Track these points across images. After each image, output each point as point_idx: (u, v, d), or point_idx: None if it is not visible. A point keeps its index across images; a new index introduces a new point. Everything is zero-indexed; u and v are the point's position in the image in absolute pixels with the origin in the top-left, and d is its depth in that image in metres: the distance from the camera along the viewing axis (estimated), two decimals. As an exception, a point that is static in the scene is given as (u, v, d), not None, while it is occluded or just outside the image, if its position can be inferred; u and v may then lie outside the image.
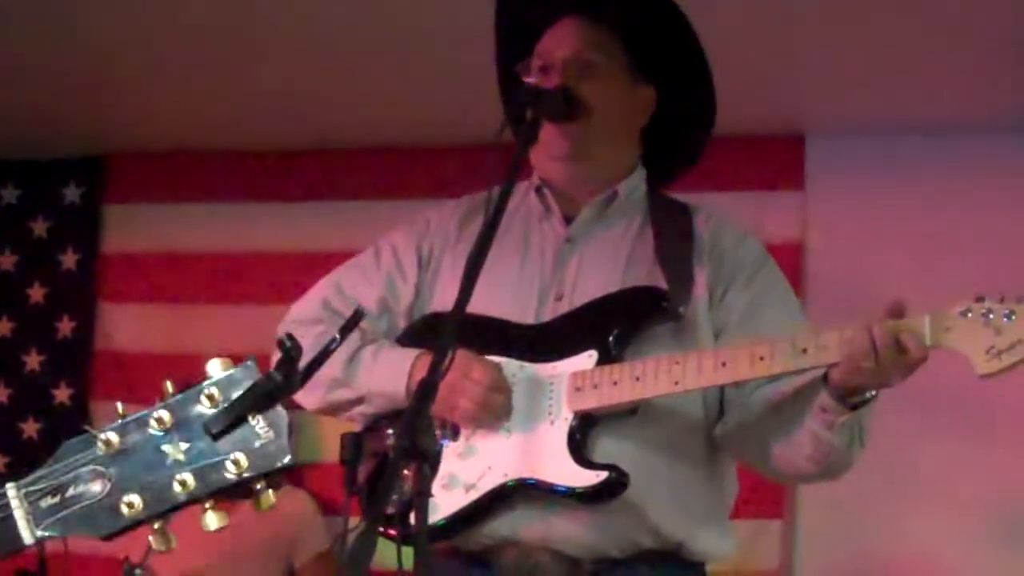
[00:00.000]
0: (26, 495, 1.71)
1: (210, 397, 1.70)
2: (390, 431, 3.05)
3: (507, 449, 3.03)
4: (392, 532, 2.60)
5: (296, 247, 6.40)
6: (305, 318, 3.31)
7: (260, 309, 6.14)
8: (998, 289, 2.80)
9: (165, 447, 1.69)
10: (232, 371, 1.73)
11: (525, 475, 3.00)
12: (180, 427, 1.69)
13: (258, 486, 1.70)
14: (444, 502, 3.01)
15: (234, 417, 1.69)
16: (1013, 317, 2.72)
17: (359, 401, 3.17)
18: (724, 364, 2.93)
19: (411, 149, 6.44)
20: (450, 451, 3.07)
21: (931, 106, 5.75)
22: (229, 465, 1.68)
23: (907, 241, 5.90)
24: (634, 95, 3.29)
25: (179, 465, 1.68)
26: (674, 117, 3.34)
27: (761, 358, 2.90)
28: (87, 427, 1.73)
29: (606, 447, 3.01)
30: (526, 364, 3.09)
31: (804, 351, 2.87)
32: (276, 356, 2.74)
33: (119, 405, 1.73)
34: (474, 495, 3.03)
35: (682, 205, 3.32)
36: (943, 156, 5.92)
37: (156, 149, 6.71)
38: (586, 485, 2.95)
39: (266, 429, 1.69)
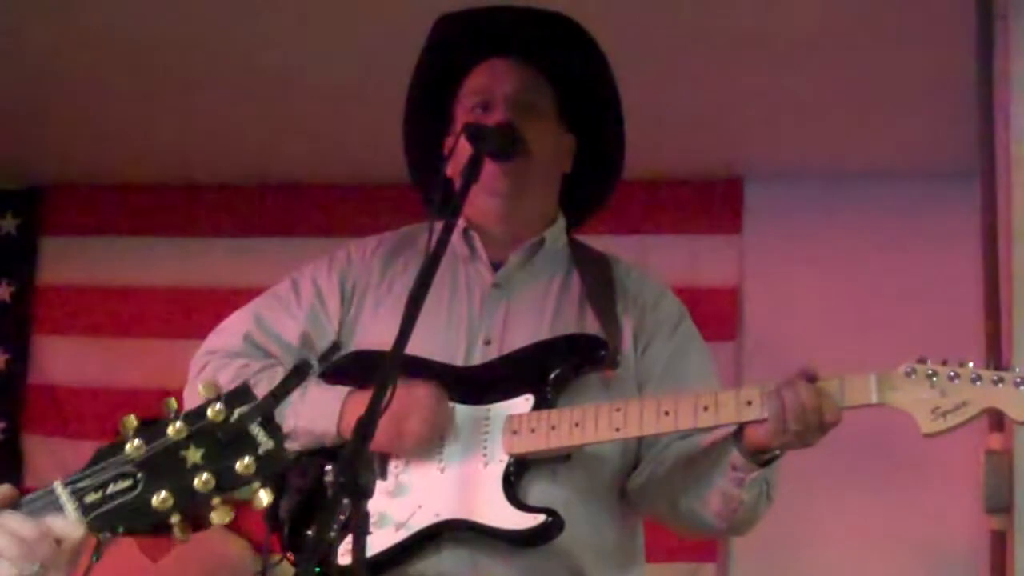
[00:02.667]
0: (72, 492, 1.94)
1: (217, 411, 1.95)
2: (328, 467, 3.04)
3: (439, 488, 3.03)
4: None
5: (233, 282, 6.35)
6: (226, 350, 3.30)
7: (196, 344, 6.09)
8: (937, 334, 2.88)
9: (183, 452, 1.94)
10: (234, 389, 1.99)
11: (459, 515, 3.00)
12: (194, 436, 1.94)
13: (255, 485, 1.94)
14: (373, 540, 2.99)
15: (242, 427, 1.95)
16: (957, 380, 2.81)
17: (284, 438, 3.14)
18: (667, 413, 2.95)
19: (350, 186, 6.44)
20: (380, 489, 3.04)
21: (871, 150, 5.80)
22: (239, 467, 1.94)
23: (845, 286, 5.93)
24: (560, 140, 3.33)
25: (198, 467, 1.93)
26: (586, 164, 3.37)
27: (705, 408, 2.93)
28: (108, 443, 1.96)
29: (538, 492, 3.02)
30: (458, 405, 3.09)
31: (749, 403, 2.90)
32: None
33: (131, 417, 1.96)
34: (404, 534, 3.01)
35: (601, 256, 3.36)
36: (882, 200, 5.97)
37: (94, 182, 6.67)
38: (522, 528, 2.95)
39: (267, 438, 1.96)
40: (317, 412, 3.10)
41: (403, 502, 3.02)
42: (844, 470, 5.47)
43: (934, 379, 2.83)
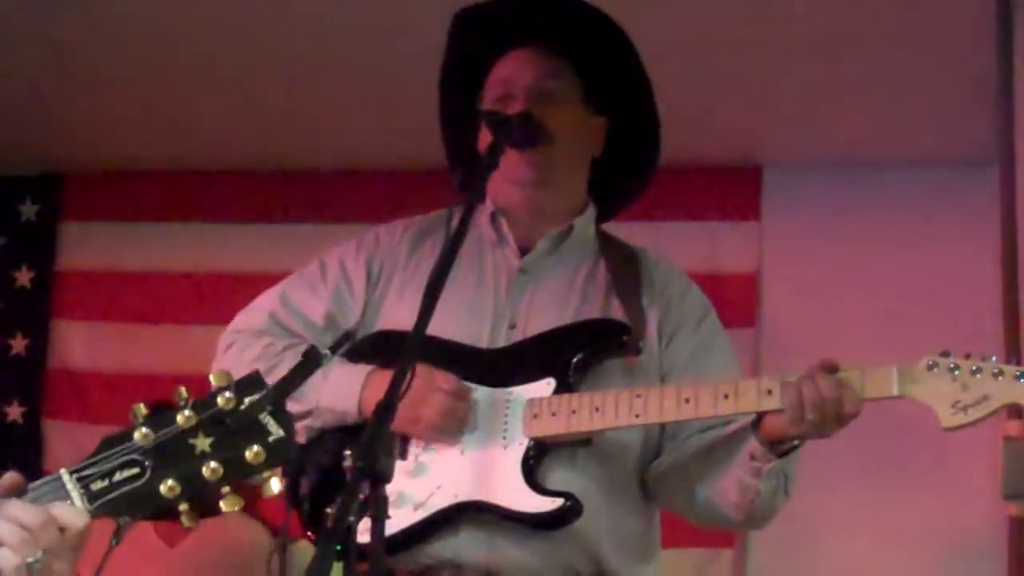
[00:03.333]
0: (78, 479, 1.96)
1: (227, 400, 1.95)
2: (348, 452, 3.05)
3: (459, 469, 3.04)
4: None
5: (253, 268, 6.36)
6: (252, 329, 3.33)
7: (215, 329, 6.09)
8: (955, 320, 2.86)
9: (192, 440, 1.95)
10: (244, 377, 2.00)
11: (477, 497, 3.01)
12: (204, 424, 1.95)
13: (265, 475, 1.96)
14: (392, 520, 2.99)
15: (252, 416, 1.96)
16: (979, 374, 2.81)
17: (306, 415, 3.16)
18: (687, 400, 2.96)
19: (374, 172, 6.44)
20: (400, 469, 3.05)
21: (889, 138, 5.78)
22: (248, 456, 1.95)
23: (862, 274, 5.93)
24: (588, 124, 3.33)
25: (206, 456, 1.94)
26: (621, 150, 3.37)
27: (726, 396, 2.94)
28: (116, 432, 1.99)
29: (557, 476, 3.03)
30: (481, 387, 3.10)
31: (769, 392, 2.91)
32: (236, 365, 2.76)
33: (141, 406, 1.97)
34: (422, 513, 3.03)
35: (629, 248, 3.36)
36: (900, 188, 5.96)
37: (114, 167, 6.68)
38: (541, 511, 2.96)
39: (277, 427, 1.96)
40: (339, 390, 3.12)
41: (422, 482, 3.03)
42: (862, 457, 5.46)
43: (956, 372, 2.82)
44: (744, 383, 2.95)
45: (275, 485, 1.95)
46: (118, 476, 1.94)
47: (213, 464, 1.93)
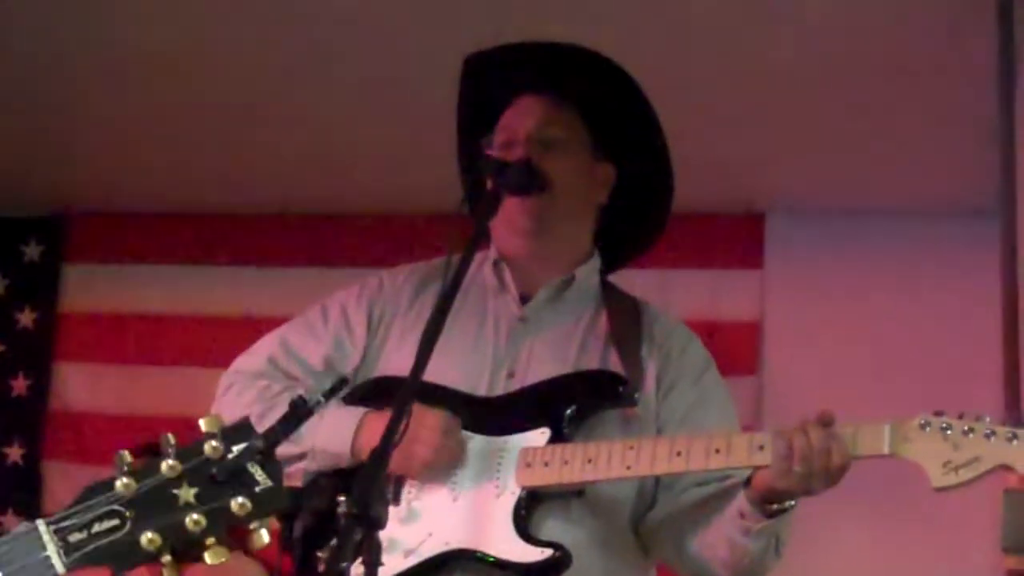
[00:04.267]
0: (56, 531, 1.89)
1: (214, 448, 1.90)
2: (342, 498, 3.05)
3: (451, 517, 3.03)
4: None
5: (254, 311, 6.38)
6: (250, 371, 3.33)
7: (217, 373, 6.09)
8: (956, 370, 2.84)
9: (176, 491, 1.89)
10: (233, 425, 1.95)
11: (468, 545, 3.00)
12: (188, 474, 1.90)
13: (252, 526, 1.90)
14: (382, 568, 3.00)
15: (239, 466, 1.91)
16: (971, 435, 2.78)
17: (301, 457, 3.15)
18: (679, 453, 2.93)
19: (377, 218, 6.46)
20: (392, 515, 3.04)
21: (891, 188, 5.80)
22: (234, 507, 1.89)
23: (864, 323, 5.93)
24: (594, 171, 3.32)
25: (190, 507, 1.89)
26: (632, 197, 3.36)
27: (717, 450, 2.91)
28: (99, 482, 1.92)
29: (550, 526, 3.01)
30: (476, 435, 3.09)
31: (761, 447, 2.88)
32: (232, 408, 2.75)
33: (126, 453, 1.91)
34: (413, 560, 3.01)
35: (632, 300, 3.34)
36: (903, 238, 5.97)
37: (117, 209, 6.71)
38: (530, 561, 2.94)
39: (264, 477, 1.91)
40: (333, 433, 3.11)
41: (414, 528, 3.02)
42: (859, 508, 5.45)
43: (948, 432, 2.79)
44: (737, 437, 2.93)
45: (264, 536, 1.91)
46: (97, 527, 1.89)
47: (196, 516, 1.88)
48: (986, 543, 4.82)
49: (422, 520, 3.03)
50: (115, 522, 1.89)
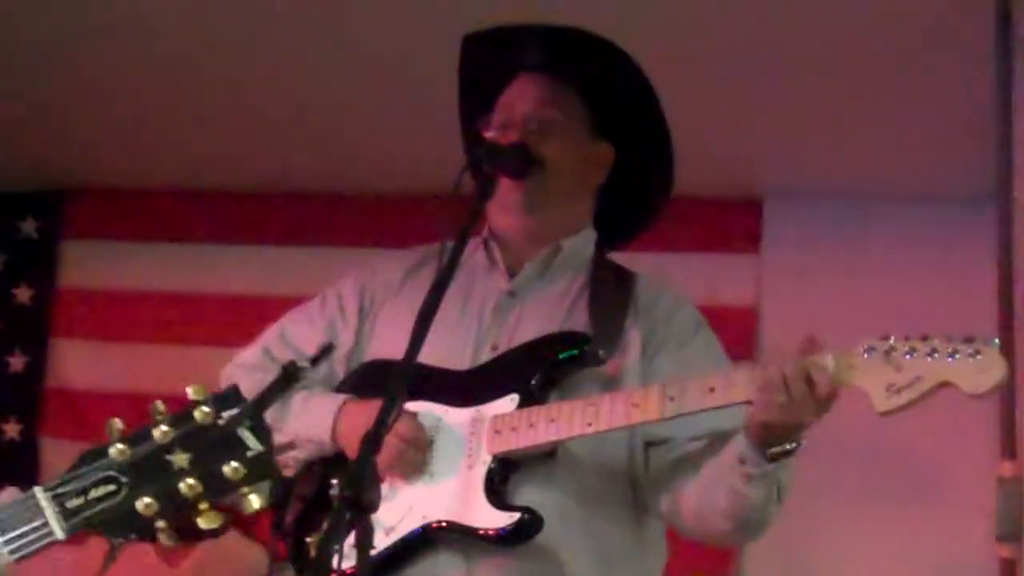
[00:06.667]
0: (54, 497, 1.94)
1: (204, 414, 1.94)
2: (334, 481, 3.06)
3: (427, 492, 3.05)
4: None
5: (253, 290, 6.39)
6: (246, 363, 3.37)
7: (213, 351, 6.11)
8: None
9: (169, 456, 1.92)
10: (221, 391, 1.99)
11: (445, 517, 3.01)
12: (181, 440, 1.93)
13: (244, 491, 1.93)
14: None
15: (230, 431, 1.94)
16: (913, 355, 2.71)
17: (290, 446, 3.17)
18: (636, 405, 2.92)
19: (375, 197, 6.46)
20: None
21: (889, 173, 5.79)
22: (227, 471, 1.92)
23: (861, 308, 5.93)
24: (590, 150, 3.32)
25: (184, 472, 1.91)
26: (632, 178, 3.37)
27: (671, 398, 2.88)
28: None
29: (527, 493, 3.02)
30: (450, 408, 3.11)
31: (712, 390, 2.85)
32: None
33: (117, 420, 1.95)
34: (393, 537, 3.03)
35: (627, 272, 3.34)
36: (900, 223, 5.97)
37: (115, 185, 6.70)
38: (499, 526, 2.95)
39: (256, 441, 1.94)
40: (315, 419, 3.15)
41: (394, 507, 3.04)
42: (857, 491, 5.48)
43: (891, 355, 2.72)
44: (691, 382, 2.89)
45: (254, 501, 1.93)
46: (94, 493, 1.92)
47: (191, 480, 1.91)
48: (981, 532, 4.84)
49: (400, 498, 3.05)
50: (111, 488, 1.92)
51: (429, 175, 3.51)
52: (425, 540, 3.02)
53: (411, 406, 3.08)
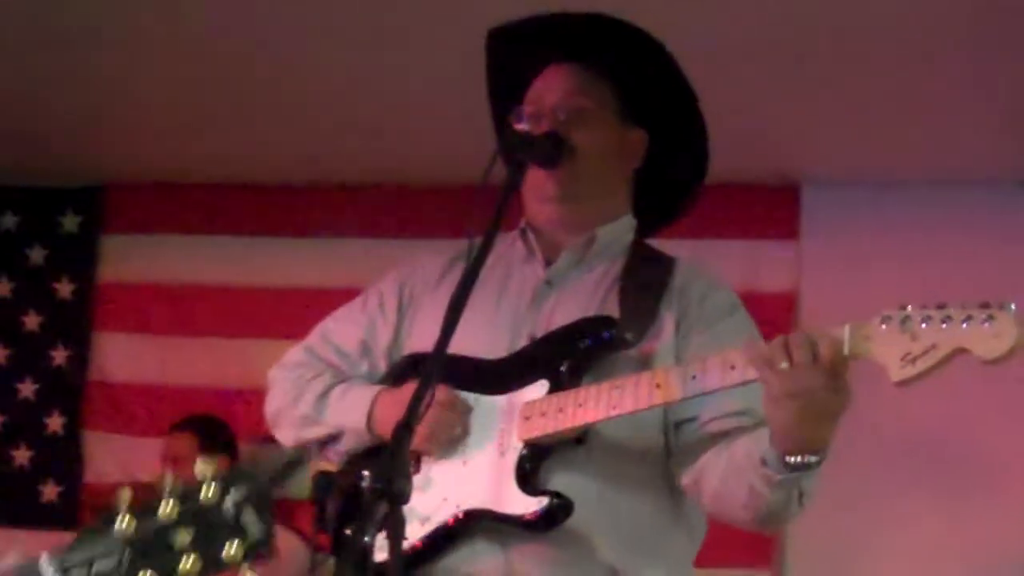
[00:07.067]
0: (59, 569, 1.98)
1: (210, 493, 1.95)
2: (365, 472, 3.06)
3: (462, 480, 3.04)
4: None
5: (293, 283, 6.42)
6: (289, 362, 3.38)
7: (255, 343, 6.15)
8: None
9: (172, 533, 1.94)
10: (230, 471, 1.98)
11: (477, 505, 3.01)
12: (184, 517, 1.95)
13: (241, 570, 1.94)
14: None
15: (235, 513, 1.95)
16: (929, 323, 2.64)
17: (331, 439, 3.20)
18: (658, 386, 2.89)
19: (414, 188, 6.48)
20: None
21: (929, 157, 5.78)
22: (227, 554, 1.93)
23: (901, 293, 5.88)
24: (624, 138, 3.31)
25: (184, 550, 1.93)
26: (667, 163, 3.36)
27: (693, 377, 2.86)
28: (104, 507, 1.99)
29: (558, 478, 3.00)
30: (482, 396, 3.10)
31: (732, 367, 2.80)
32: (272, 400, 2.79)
33: (126, 490, 1.96)
34: (428, 527, 3.03)
35: (666, 257, 3.32)
36: (939, 207, 5.95)
37: (156, 179, 6.73)
38: (529, 512, 2.95)
39: (258, 524, 1.96)
40: (351, 410, 3.16)
41: (430, 496, 3.04)
42: (904, 479, 5.44)
43: (907, 324, 2.64)
44: (712, 360, 2.83)
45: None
46: (97, 567, 1.97)
47: (191, 559, 1.93)
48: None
49: (436, 486, 3.05)
50: (116, 561, 1.96)
51: (469, 167, 3.51)
52: (462, 529, 3.02)
53: None
